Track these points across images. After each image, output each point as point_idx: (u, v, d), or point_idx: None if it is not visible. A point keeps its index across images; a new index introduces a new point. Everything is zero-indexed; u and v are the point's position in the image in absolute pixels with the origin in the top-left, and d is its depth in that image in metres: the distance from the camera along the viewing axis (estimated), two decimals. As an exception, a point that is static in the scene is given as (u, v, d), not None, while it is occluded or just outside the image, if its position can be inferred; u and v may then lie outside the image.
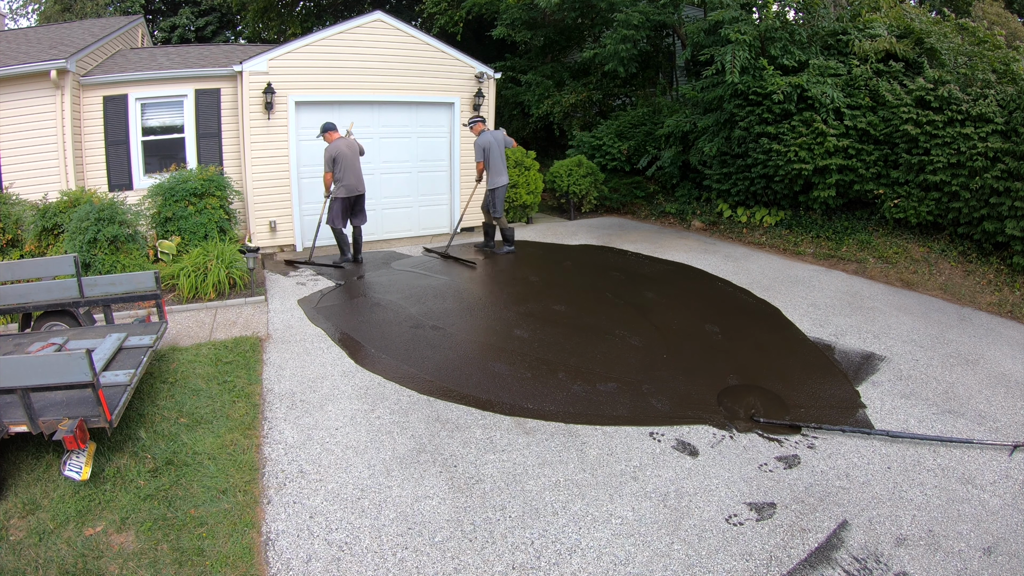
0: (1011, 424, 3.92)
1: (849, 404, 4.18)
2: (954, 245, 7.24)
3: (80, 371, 2.90)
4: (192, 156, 8.18)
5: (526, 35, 12.93)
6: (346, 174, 7.13)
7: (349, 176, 7.14)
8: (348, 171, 7.13)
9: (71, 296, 4.44)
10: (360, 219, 7.61)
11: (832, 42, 8.70)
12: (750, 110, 8.48)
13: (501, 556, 2.77)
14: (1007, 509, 3.09)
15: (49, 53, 7.41)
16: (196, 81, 8.03)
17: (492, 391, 4.33)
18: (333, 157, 7.10)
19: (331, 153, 7.12)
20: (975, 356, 4.99)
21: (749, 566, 2.69)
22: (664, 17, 10.27)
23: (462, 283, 6.93)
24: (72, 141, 7.23)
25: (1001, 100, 6.74)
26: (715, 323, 5.64)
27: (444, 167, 9.59)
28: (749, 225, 9.17)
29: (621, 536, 2.88)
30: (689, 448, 3.62)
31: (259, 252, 6.95)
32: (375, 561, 2.70)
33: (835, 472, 3.39)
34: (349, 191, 7.22)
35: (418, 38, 8.81)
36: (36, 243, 6.43)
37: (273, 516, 2.99)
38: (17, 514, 2.94)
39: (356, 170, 7.23)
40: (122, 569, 2.63)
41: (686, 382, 4.45)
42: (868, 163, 7.70)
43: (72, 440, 2.89)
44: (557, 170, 10.66)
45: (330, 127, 7.29)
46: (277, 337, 5.25)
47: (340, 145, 7.13)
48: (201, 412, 3.90)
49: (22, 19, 20.40)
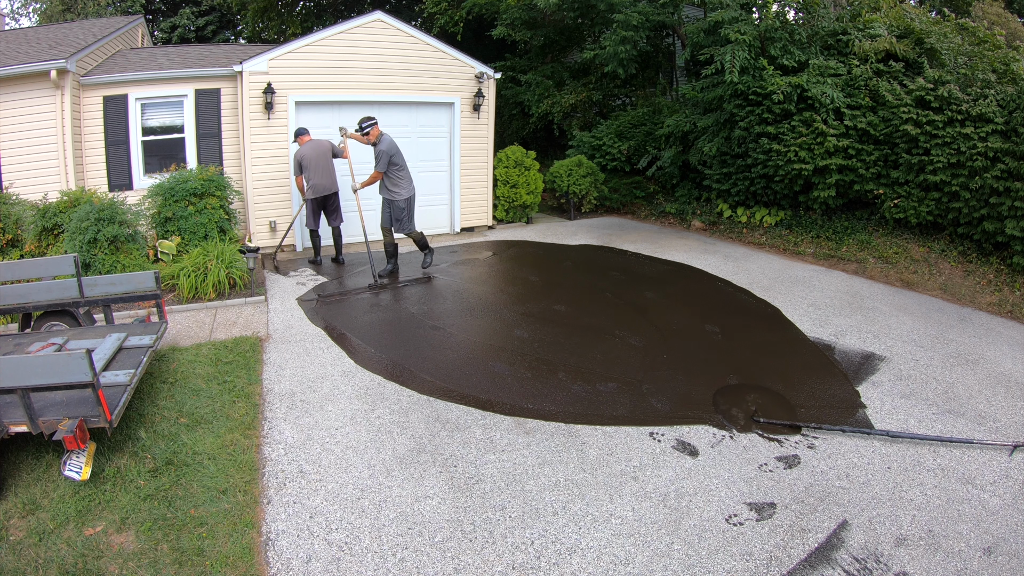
0: (1011, 424, 3.92)
1: (849, 404, 4.18)
2: (954, 245, 7.24)
3: (80, 371, 2.90)
4: (192, 156, 8.18)
5: (526, 35, 12.93)
6: (313, 175, 7.20)
7: (315, 176, 7.21)
8: (315, 172, 7.20)
9: (71, 296, 4.44)
10: (335, 219, 7.64)
11: (832, 42, 8.70)
12: (750, 110, 8.48)
13: (501, 556, 2.77)
14: (1007, 509, 3.09)
15: (49, 53, 7.41)
16: (196, 81, 8.03)
17: (492, 391, 4.33)
18: (298, 161, 7.24)
19: (296, 157, 7.28)
20: (975, 356, 4.99)
21: (749, 566, 2.69)
22: (664, 17, 10.27)
23: (462, 283, 6.93)
24: (72, 141, 7.23)
25: (1001, 100, 6.74)
26: (715, 323, 5.64)
27: (444, 167, 9.59)
28: (749, 225, 9.17)
29: (621, 536, 2.88)
30: (689, 448, 3.62)
31: (259, 252, 6.95)
32: (375, 561, 2.70)
33: (835, 472, 3.39)
34: (316, 191, 7.27)
35: (418, 38, 8.80)
36: (36, 243, 6.43)
37: (273, 516, 2.99)
38: (17, 514, 2.94)
39: (323, 170, 7.27)
40: (122, 569, 2.63)
41: (686, 382, 4.45)
42: (868, 163, 7.70)
43: (72, 440, 2.89)
44: (557, 170, 10.66)
45: (301, 132, 7.38)
46: (277, 337, 5.25)
47: (304, 149, 7.21)
48: (201, 412, 3.90)
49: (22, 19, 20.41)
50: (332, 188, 7.39)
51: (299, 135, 7.36)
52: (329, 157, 7.30)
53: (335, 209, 7.59)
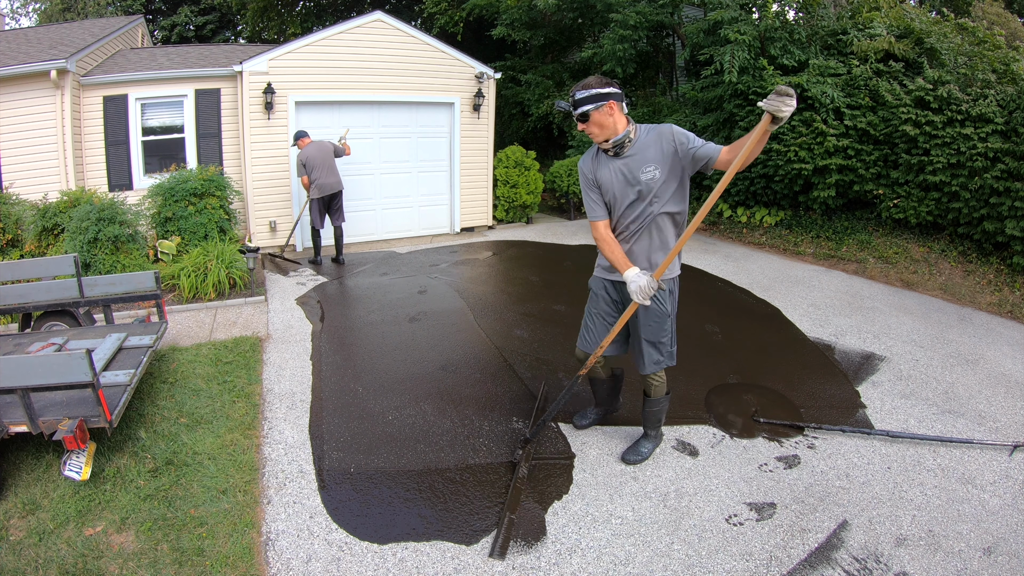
0: (1011, 424, 3.92)
1: (849, 404, 4.18)
2: (954, 245, 7.24)
3: (80, 371, 2.90)
4: (192, 156, 8.18)
5: (526, 35, 12.94)
6: (319, 174, 7.23)
7: (322, 176, 7.25)
8: (320, 171, 7.23)
9: (71, 296, 4.44)
10: (338, 218, 7.65)
11: (832, 42, 8.70)
12: (750, 110, 8.48)
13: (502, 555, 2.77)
14: (1007, 509, 3.09)
15: (49, 53, 7.41)
16: (196, 81, 8.04)
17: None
18: (303, 162, 7.27)
19: (300, 159, 7.31)
20: (975, 356, 4.99)
21: (749, 566, 2.69)
22: (662, 17, 10.27)
23: (462, 283, 6.93)
24: (72, 141, 7.23)
25: (1001, 100, 6.74)
26: (715, 323, 5.64)
27: (444, 167, 9.60)
28: (749, 225, 9.17)
29: (621, 536, 2.88)
30: (689, 448, 3.62)
31: (259, 252, 6.96)
32: (375, 561, 2.70)
33: (835, 472, 3.39)
34: (323, 190, 7.30)
35: (418, 38, 8.81)
36: (36, 243, 6.43)
37: (273, 516, 2.99)
38: (17, 514, 2.94)
39: (329, 169, 7.31)
40: (122, 569, 2.63)
41: (686, 382, 4.45)
42: (868, 163, 7.70)
43: (72, 440, 2.89)
44: (557, 170, 10.66)
45: (301, 134, 7.42)
46: (277, 337, 5.25)
47: (308, 149, 7.24)
48: (201, 412, 3.90)
49: (23, 19, 20.40)
50: (338, 187, 7.41)
51: (299, 138, 7.37)
52: (332, 156, 7.33)
53: (339, 208, 7.60)
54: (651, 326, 3.06)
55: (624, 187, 2.85)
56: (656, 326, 3.06)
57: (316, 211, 7.46)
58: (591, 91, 2.71)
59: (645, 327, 3.08)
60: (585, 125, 2.78)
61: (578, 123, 2.80)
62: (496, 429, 3.78)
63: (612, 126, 2.76)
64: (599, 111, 2.73)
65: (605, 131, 2.77)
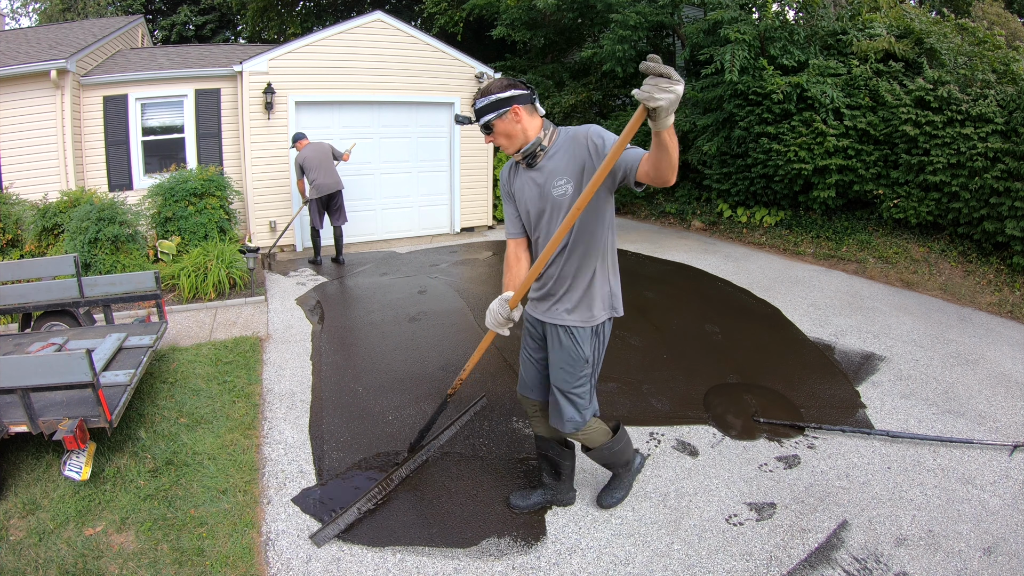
0: (1011, 424, 3.93)
1: (849, 404, 4.18)
2: (954, 245, 7.24)
3: (80, 371, 2.90)
4: (192, 156, 8.18)
5: (526, 35, 12.93)
6: (316, 175, 7.24)
7: (320, 176, 7.25)
8: (317, 172, 7.24)
9: (71, 296, 4.44)
10: (338, 219, 7.65)
11: (832, 42, 8.70)
12: (750, 110, 8.48)
13: (502, 555, 2.77)
14: (1007, 509, 3.09)
15: (49, 53, 7.41)
16: (196, 81, 8.04)
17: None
18: (300, 164, 7.29)
19: (297, 161, 7.32)
20: (975, 356, 4.99)
21: (749, 566, 2.69)
22: (662, 18, 10.26)
23: (462, 283, 6.93)
24: (72, 141, 7.24)
25: (1001, 100, 6.74)
26: (715, 323, 5.64)
27: (444, 167, 9.60)
28: (749, 225, 9.17)
29: (621, 536, 2.88)
30: (689, 448, 3.62)
31: (259, 252, 6.96)
32: (375, 561, 2.70)
33: (835, 472, 3.39)
34: (320, 190, 7.30)
35: (418, 38, 8.81)
36: (36, 243, 6.43)
37: (273, 516, 2.99)
38: (17, 514, 2.94)
39: (327, 169, 7.31)
40: (122, 569, 2.63)
41: (686, 382, 4.45)
42: (868, 163, 7.70)
43: (72, 440, 2.89)
44: (557, 170, 10.64)
45: (299, 136, 7.42)
46: (277, 337, 5.25)
47: (305, 152, 7.25)
48: (201, 412, 3.90)
49: (23, 19, 20.41)
50: (336, 186, 7.40)
51: (297, 140, 7.37)
52: (330, 157, 7.33)
53: (338, 208, 7.59)
54: (561, 370, 2.47)
55: (537, 202, 2.38)
56: (567, 372, 2.46)
57: (315, 211, 7.46)
58: (491, 97, 2.26)
59: (555, 370, 2.51)
60: (491, 137, 2.32)
61: (484, 136, 2.35)
62: (496, 429, 3.78)
63: (520, 134, 2.30)
64: (503, 120, 2.27)
65: (514, 141, 2.31)
